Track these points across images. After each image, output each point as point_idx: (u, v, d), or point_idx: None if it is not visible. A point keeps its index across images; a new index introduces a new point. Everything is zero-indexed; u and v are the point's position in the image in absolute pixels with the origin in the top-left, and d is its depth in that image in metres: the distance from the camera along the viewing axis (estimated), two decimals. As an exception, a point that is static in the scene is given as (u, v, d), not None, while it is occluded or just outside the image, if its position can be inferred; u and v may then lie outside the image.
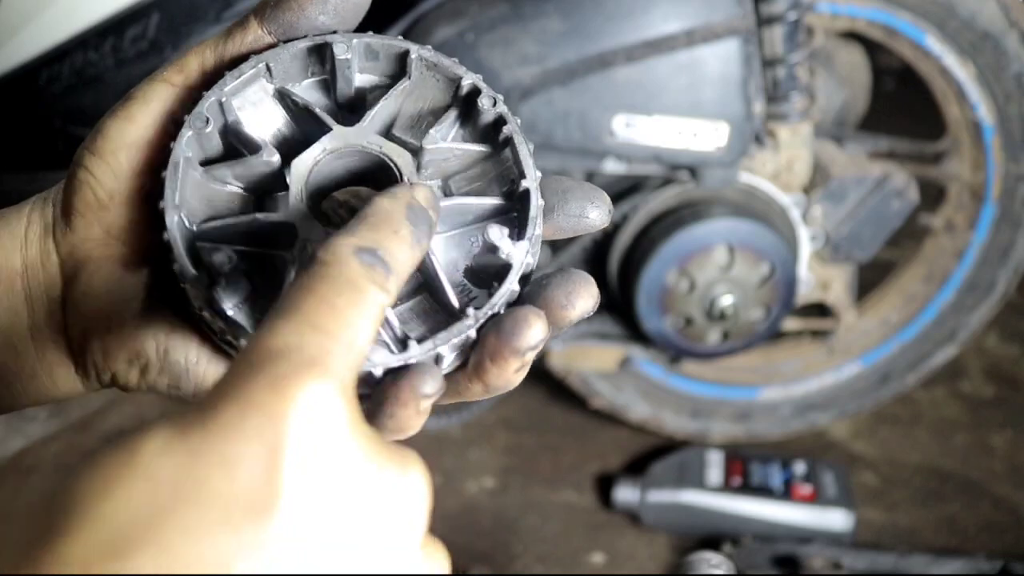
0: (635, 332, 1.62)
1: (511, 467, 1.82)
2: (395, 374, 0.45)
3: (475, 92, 0.50)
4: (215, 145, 0.49)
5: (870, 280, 1.86)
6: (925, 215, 1.76)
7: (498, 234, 0.46)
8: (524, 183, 0.47)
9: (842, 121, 1.75)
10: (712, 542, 1.63)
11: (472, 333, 0.46)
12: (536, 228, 0.47)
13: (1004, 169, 1.67)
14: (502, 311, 0.46)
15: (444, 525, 1.60)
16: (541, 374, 1.79)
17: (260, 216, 0.46)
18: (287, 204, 0.46)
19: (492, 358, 0.46)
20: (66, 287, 0.50)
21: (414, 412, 0.44)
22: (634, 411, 1.82)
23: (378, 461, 0.33)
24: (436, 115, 0.51)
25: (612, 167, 1.50)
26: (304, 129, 0.50)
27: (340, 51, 0.49)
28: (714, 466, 1.72)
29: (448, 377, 0.47)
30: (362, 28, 0.51)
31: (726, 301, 1.54)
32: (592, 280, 0.48)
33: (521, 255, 0.46)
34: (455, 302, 0.46)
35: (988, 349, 2.13)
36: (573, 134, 1.43)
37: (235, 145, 0.49)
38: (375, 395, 0.45)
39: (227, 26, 0.50)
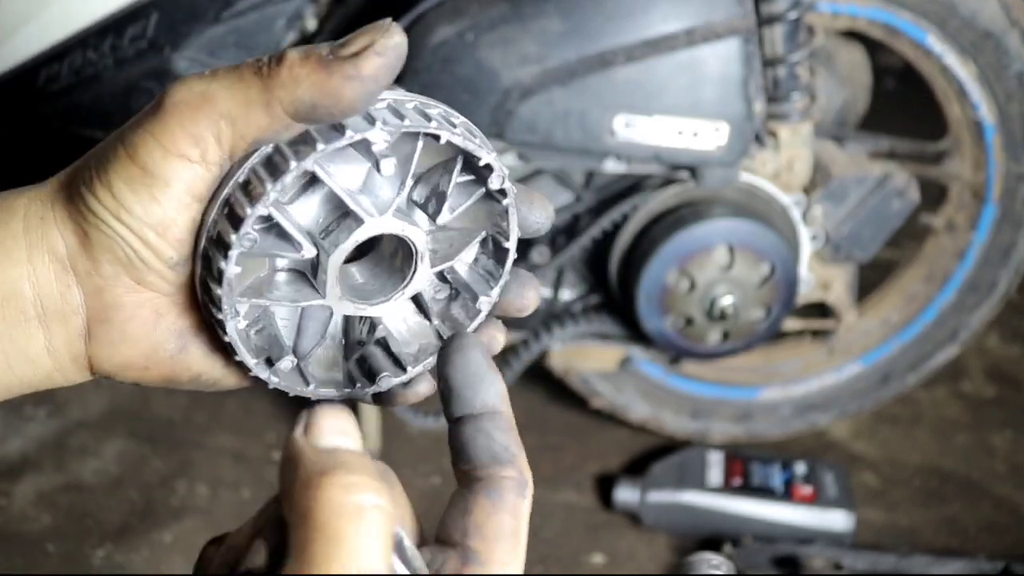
0: (635, 332, 1.62)
1: (511, 467, 1.81)
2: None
3: (488, 169, 0.52)
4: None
5: (870, 280, 1.86)
6: (926, 215, 1.76)
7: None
8: (506, 244, 0.55)
9: (843, 121, 1.74)
10: (712, 542, 1.63)
11: None
12: (504, 281, 0.56)
13: (1005, 169, 1.66)
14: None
15: (444, 525, 1.60)
16: (541, 374, 1.79)
17: (304, 304, 0.53)
18: (323, 284, 0.52)
19: None
20: (91, 325, 0.50)
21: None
22: (634, 411, 1.82)
23: None
24: (440, 174, 0.52)
25: (612, 167, 1.50)
26: (337, 208, 0.51)
27: (379, 149, 0.49)
28: (714, 466, 1.71)
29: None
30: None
31: (726, 301, 1.53)
32: (534, 278, 0.57)
33: (488, 306, 0.56)
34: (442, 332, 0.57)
35: (989, 349, 2.13)
36: (573, 134, 1.43)
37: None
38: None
39: (242, 84, 0.46)
